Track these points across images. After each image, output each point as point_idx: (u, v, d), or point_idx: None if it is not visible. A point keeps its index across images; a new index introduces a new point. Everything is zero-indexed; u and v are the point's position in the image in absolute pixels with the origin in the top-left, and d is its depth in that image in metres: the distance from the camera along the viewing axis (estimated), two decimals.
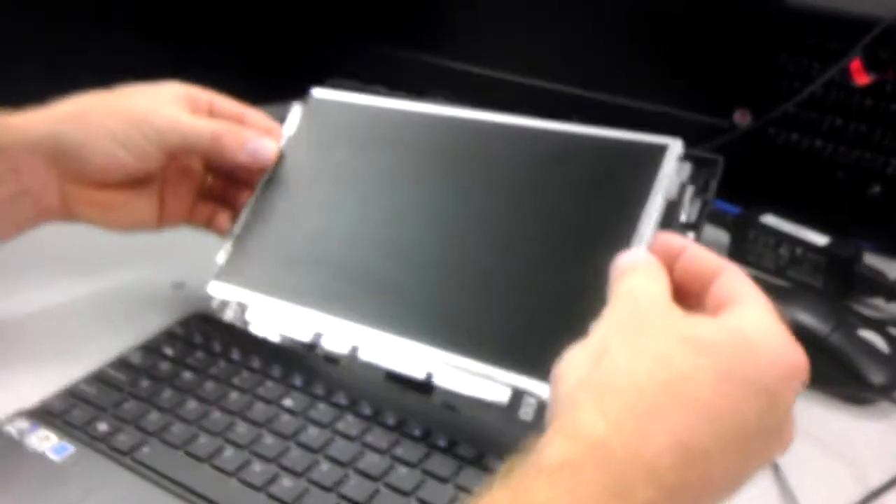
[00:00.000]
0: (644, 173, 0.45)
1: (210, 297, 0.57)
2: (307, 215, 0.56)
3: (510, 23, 0.84)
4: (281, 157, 0.58)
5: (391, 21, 0.92)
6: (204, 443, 0.48)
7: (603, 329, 0.37)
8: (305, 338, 0.53)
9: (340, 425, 0.49)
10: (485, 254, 0.48)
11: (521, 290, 0.46)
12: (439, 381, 0.47)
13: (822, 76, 0.70)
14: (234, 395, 0.51)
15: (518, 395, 0.44)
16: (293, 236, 0.56)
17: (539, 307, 0.45)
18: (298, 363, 0.54)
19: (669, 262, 0.40)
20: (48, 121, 0.55)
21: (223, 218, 0.60)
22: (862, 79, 0.69)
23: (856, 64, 0.69)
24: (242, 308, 0.56)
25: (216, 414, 0.50)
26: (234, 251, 0.57)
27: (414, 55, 0.90)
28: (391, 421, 0.49)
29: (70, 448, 0.48)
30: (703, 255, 0.40)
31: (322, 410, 0.50)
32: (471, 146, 0.52)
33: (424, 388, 0.49)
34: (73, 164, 0.55)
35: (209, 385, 0.52)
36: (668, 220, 0.44)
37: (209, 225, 0.60)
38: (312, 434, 0.48)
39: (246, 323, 0.56)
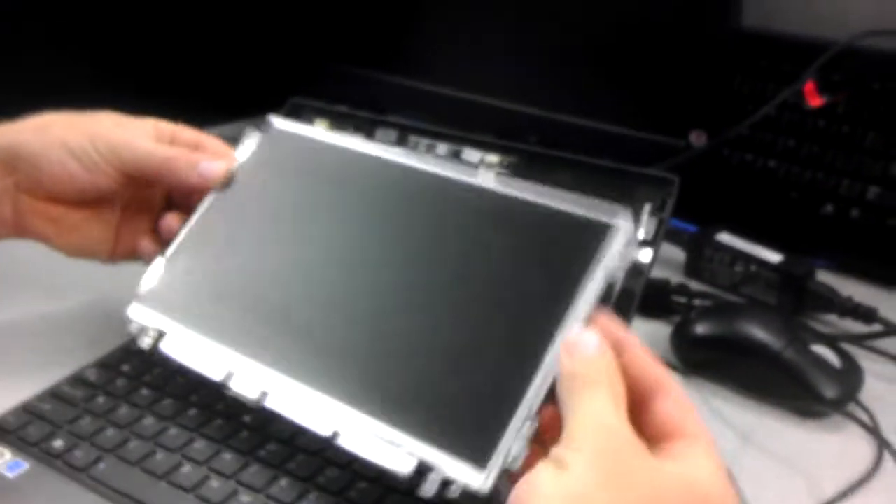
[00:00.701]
0: (589, 252, 0.42)
1: (129, 321, 0.53)
2: (239, 247, 0.53)
3: (471, 44, 0.85)
4: (226, 183, 0.56)
5: (354, 40, 0.93)
6: (161, 459, 0.47)
7: (582, 471, 0.35)
8: (217, 376, 0.48)
9: (299, 442, 0.49)
10: (413, 313, 0.45)
11: (444, 357, 0.43)
12: (345, 441, 0.43)
13: (776, 98, 0.72)
14: (192, 411, 0.51)
15: (424, 469, 0.40)
16: (221, 267, 0.53)
17: (462, 378, 0.41)
18: None
19: (615, 352, 0.39)
20: (10, 132, 0.55)
21: (146, 241, 0.58)
22: (815, 101, 0.71)
23: (809, 86, 0.71)
24: (160, 335, 0.52)
25: (173, 430, 0.50)
26: (162, 275, 0.54)
27: (377, 74, 0.91)
28: None
29: (24, 465, 0.48)
30: (646, 363, 0.39)
31: (281, 426, 0.50)
32: (419, 197, 0.50)
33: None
34: (28, 173, 0.55)
35: (167, 402, 0.52)
36: (607, 297, 0.42)
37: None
38: (271, 450, 0.48)
39: (159, 353, 0.52)
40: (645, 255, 0.51)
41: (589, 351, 0.38)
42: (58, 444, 0.49)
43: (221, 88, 0.63)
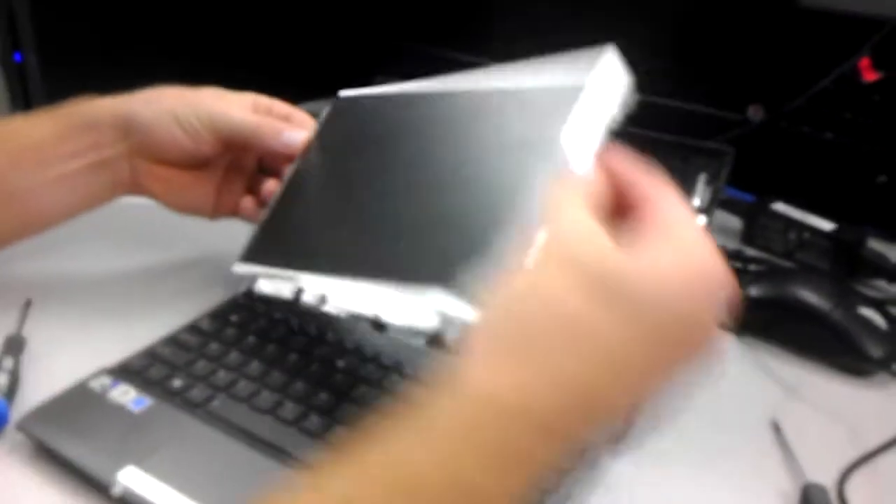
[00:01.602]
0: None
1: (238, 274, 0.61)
2: (321, 199, 0.61)
3: (539, 22, 0.89)
4: (307, 151, 0.63)
5: (432, 21, 0.97)
6: (266, 397, 0.54)
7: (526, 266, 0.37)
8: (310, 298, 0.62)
9: (386, 384, 0.55)
10: (437, 197, 0.51)
11: (458, 226, 0.48)
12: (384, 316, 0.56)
13: (832, 73, 0.75)
14: (292, 356, 0.57)
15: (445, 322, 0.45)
16: (307, 216, 0.61)
17: (468, 235, 0.47)
18: (348, 331, 0.61)
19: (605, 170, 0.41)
20: (126, 102, 0.62)
21: (246, 201, 0.66)
22: (870, 76, 0.74)
23: (864, 62, 0.74)
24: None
25: (276, 373, 0.56)
26: (259, 235, 0.62)
27: (453, 54, 0.95)
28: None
29: (147, 401, 0.54)
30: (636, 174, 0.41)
31: (370, 370, 0.56)
32: (450, 114, 0.56)
33: None
34: (141, 139, 0.61)
35: (270, 348, 0.58)
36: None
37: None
38: (361, 391, 0.54)
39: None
40: (700, 222, 0.55)
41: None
42: (176, 383, 0.55)
43: (312, 69, 0.69)
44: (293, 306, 0.63)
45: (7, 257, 0.63)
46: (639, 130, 0.60)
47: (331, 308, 0.62)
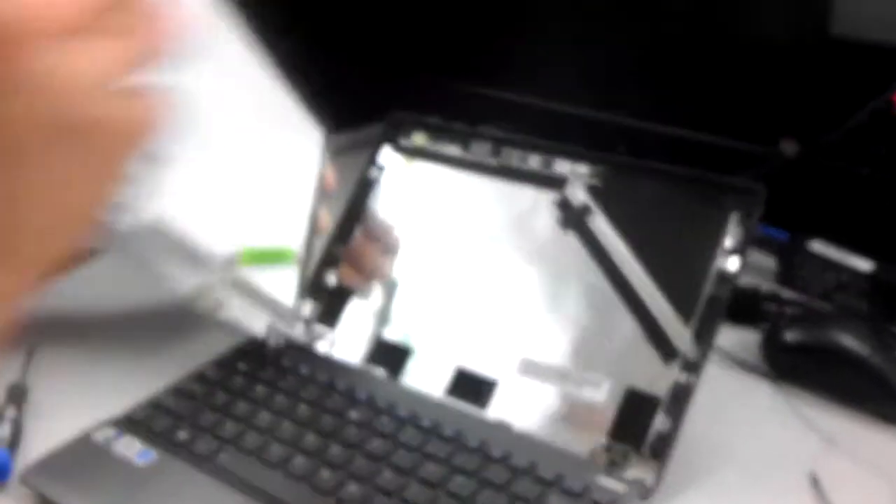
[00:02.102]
0: None
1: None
2: None
3: (561, 55, 0.87)
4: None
5: (449, 53, 0.96)
6: (276, 450, 0.51)
7: None
8: None
9: (402, 436, 0.52)
10: None
11: None
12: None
13: (866, 106, 0.72)
14: (302, 407, 0.55)
15: None
16: None
17: None
18: (361, 379, 0.58)
19: None
20: None
21: None
22: None
23: None
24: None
25: (287, 424, 0.53)
26: None
27: (471, 86, 0.93)
28: (448, 432, 0.52)
29: (153, 454, 0.52)
30: None
31: (384, 422, 0.54)
32: None
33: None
34: None
35: (279, 398, 0.56)
36: None
37: None
38: (375, 444, 0.52)
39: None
40: (732, 263, 0.53)
41: None
42: (182, 435, 0.53)
43: (326, 100, 0.67)
44: (303, 353, 0.61)
45: None
46: (665, 166, 0.58)
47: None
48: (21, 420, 0.55)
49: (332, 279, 0.65)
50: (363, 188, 0.68)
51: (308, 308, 0.63)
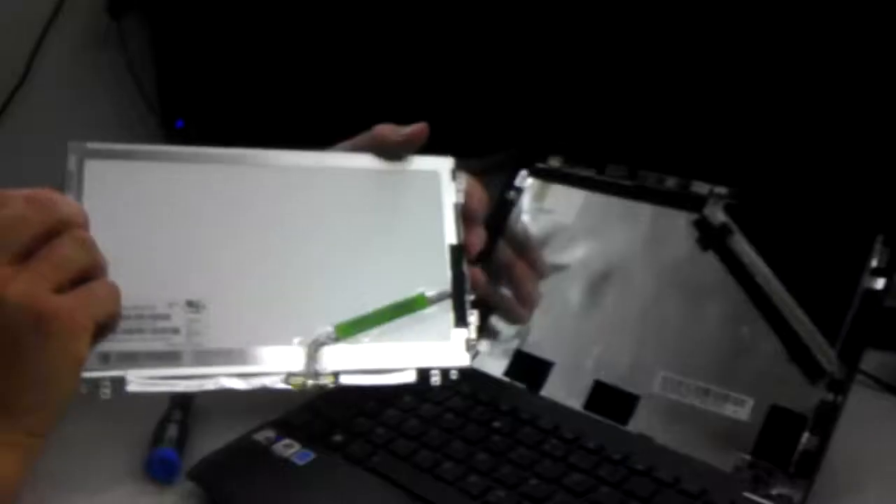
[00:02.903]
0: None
1: None
2: None
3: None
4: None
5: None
6: (426, 455, 0.54)
7: None
8: None
9: (545, 447, 0.54)
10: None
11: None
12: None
13: None
14: (448, 416, 0.57)
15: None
16: None
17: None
18: (502, 391, 0.60)
19: None
20: None
21: None
22: None
23: None
24: None
25: (435, 431, 0.56)
26: None
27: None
28: (591, 444, 0.54)
29: (310, 455, 0.55)
30: None
31: (528, 433, 0.56)
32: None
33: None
34: None
35: (426, 406, 0.59)
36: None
37: None
38: (521, 452, 0.54)
39: None
40: (879, 283, 0.53)
41: None
42: (337, 438, 0.56)
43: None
44: None
45: None
46: (806, 185, 0.58)
47: None
48: (187, 422, 0.59)
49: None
50: (501, 210, 0.70)
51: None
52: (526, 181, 0.70)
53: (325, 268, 0.56)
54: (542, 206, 0.69)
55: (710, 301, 0.59)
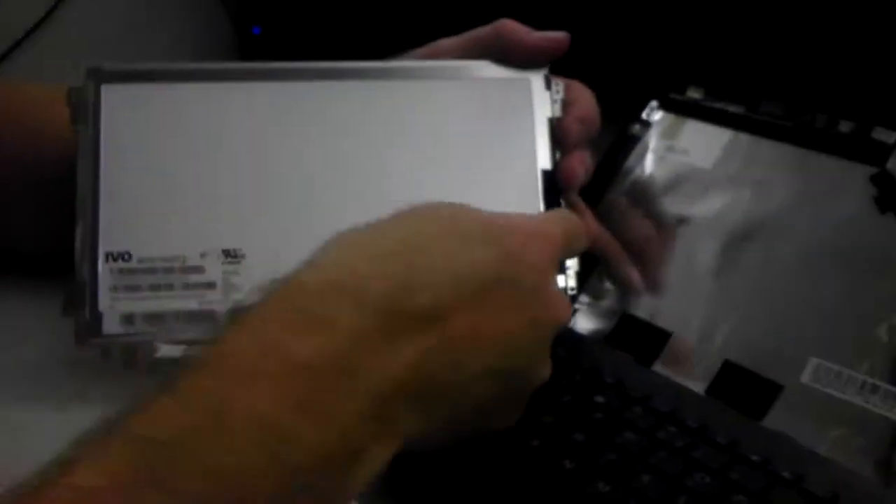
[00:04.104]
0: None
1: None
2: None
3: None
4: None
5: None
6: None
7: None
8: None
9: (661, 434, 0.42)
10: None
11: None
12: None
13: None
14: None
15: None
16: None
17: None
18: (605, 358, 0.49)
19: None
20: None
21: None
22: None
23: None
24: None
25: None
26: None
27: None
28: (721, 439, 0.42)
29: None
30: None
31: (638, 414, 0.44)
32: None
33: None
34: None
35: None
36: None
37: None
38: (629, 438, 0.42)
39: None
40: None
41: None
42: None
43: None
44: None
45: None
46: None
47: None
48: None
49: None
50: (622, 147, 0.58)
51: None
52: (656, 114, 0.58)
53: (393, 206, 0.45)
54: (673, 145, 0.57)
55: (885, 276, 0.46)
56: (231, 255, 0.45)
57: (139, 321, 0.44)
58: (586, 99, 0.53)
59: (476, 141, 0.49)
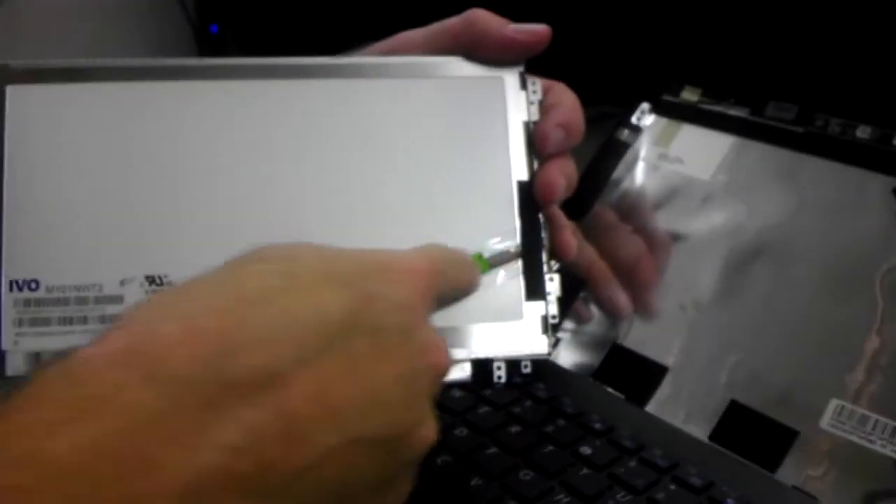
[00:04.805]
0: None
1: None
2: None
3: None
4: None
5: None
6: (477, 486, 0.36)
7: None
8: None
9: (658, 494, 0.36)
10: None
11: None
12: None
13: None
14: (513, 429, 0.39)
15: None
16: None
17: None
18: (593, 400, 0.42)
19: None
20: None
21: None
22: None
23: None
24: None
25: (491, 450, 0.38)
26: None
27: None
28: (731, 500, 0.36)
29: None
30: None
31: (633, 471, 0.37)
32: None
33: None
34: None
35: (481, 412, 0.40)
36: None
37: None
38: (624, 501, 0.35)
39: None
40: None
41: None
42: None
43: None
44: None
45: None
46: None
47: None
48: None
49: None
50: (609, 155, 0.52)
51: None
52: (647, 118, 0.52)
53: (346, 223, 0.40)
54: (667, 153, 0.50)
55: None
56: (156, 283, 0.38)
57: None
58: (568, 101, 0.47)
59: (443, 147, 0.42)
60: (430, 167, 0.42)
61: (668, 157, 0.50)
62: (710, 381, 0.43)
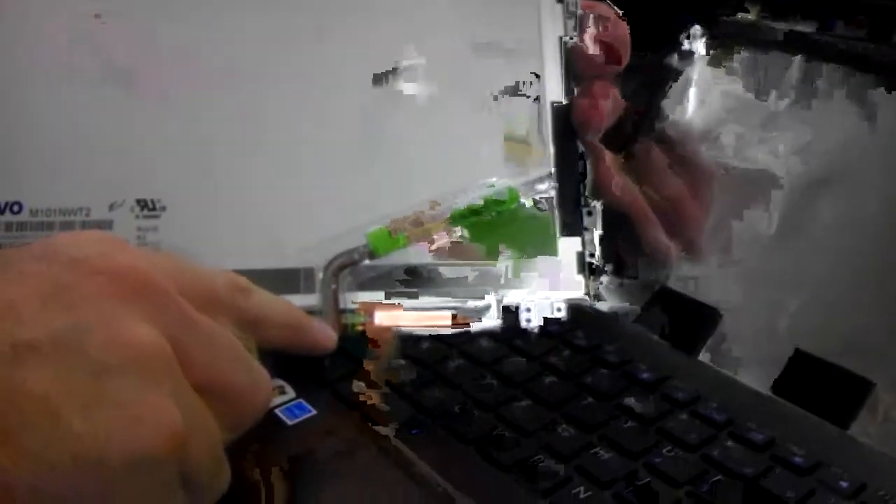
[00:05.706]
0: None
1: None
2: None
3: None
4: None
5: None
6: (508, 439, 0.32)
7: None
8: None
9: (714, 451, 0.31)
10: None
11: None
12: None
13: None
14: (548, 379, 0.35)
15: None
16: None
17: None
18: (637, 347, 0.38)
19: None
20: None
21: None
22: None
23: None
24: None
25: (524, 402, 0.34)
26: None
27: None
28: (800, 460, 0.31)
29: (310, 410, 0.34)
30: None
31: (684, 425, 0.33)
32: None
33: None
34: None
35: (513, 361, 0.36)
36: None
37: None
38: (674, 465, 0.31)
39: None
40: None
41: None
42: (358, 387, 0.35)
43: None
44: None
45: None
46: None
47: None
48: None
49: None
50: (656, 82, 0.47)
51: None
52: (698, 42, 0.47)
53: (349, 143, 0.37)
54: (722, 78, 0.46)
55: None
56: (148, 208, 0.35)
57: None
58: (612, 20, 0.42)
59: (473, 61, 0.38)
60: (457, 79, 0.38)
61: (723, 82, 0.45)
62: (770, 327, 0.38)
